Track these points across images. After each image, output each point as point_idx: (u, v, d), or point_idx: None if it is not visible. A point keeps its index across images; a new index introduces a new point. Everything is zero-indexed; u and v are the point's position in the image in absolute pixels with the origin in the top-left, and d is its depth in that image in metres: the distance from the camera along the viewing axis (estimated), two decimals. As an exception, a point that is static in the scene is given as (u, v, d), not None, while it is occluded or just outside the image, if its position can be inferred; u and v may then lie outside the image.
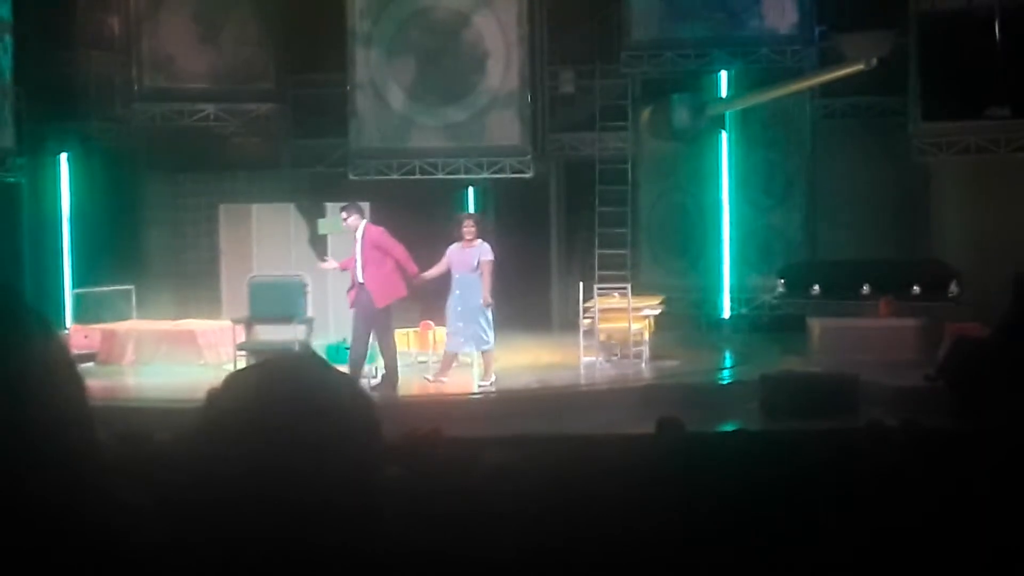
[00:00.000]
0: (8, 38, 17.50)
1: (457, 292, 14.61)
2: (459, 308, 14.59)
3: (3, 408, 1.69)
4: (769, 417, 13.24)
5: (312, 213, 18.99)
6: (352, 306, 14.44)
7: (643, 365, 16.16)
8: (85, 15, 19.66)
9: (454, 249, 14.72)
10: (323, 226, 16.14)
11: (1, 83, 17.38)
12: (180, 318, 18.04)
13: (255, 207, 18.45)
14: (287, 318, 15.13)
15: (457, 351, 14.84)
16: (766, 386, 13.90)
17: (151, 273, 19.54)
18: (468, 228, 14.73)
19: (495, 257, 14.64)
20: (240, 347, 15.38)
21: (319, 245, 18.40)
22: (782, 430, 11.43)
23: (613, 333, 16.37)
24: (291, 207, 19.06)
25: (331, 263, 15.29)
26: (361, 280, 14.22)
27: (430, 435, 6.47)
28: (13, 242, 18.56)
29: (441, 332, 15.77)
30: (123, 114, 19.79)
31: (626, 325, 16.18)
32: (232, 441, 1.83)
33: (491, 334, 14.71)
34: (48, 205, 19.31)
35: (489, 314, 14.61)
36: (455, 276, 14.62)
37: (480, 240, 14.70)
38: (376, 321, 14.25)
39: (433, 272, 14.74)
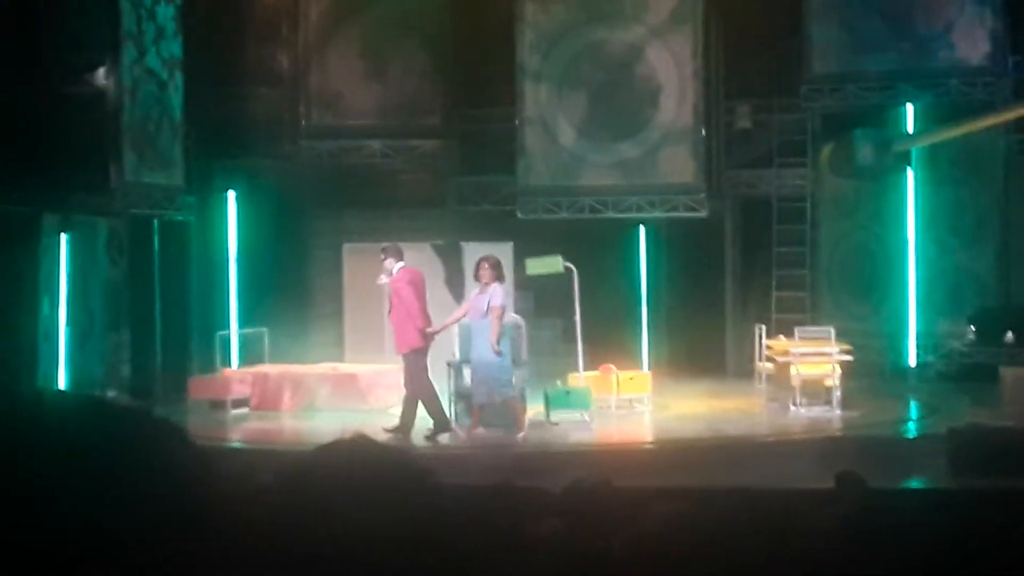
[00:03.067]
0: (179, 75, 17.58)
1: (473, 340, 14.16)
2: (473, 356, 14.14)
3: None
4: (957, 475, 12.50)
5: (446, 254, 18.62)
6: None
7: (834, 413, 15.64)
8: (254, 52, 19.84)
9: (472, 294, 14.30)
10: (531, 266, 15.52)
11: (171, 121, 17.49)
12: (339, 360, 17.70)
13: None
14: None
15: (481, 403, 14.17)
16: (954, 441, 13.17)
17: (312, 314, 19.37)
18: (481, 271, 14.14)
19: (503, 302, 14.01)
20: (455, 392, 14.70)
21: (456, 286, 17.95)
22: (970, 489, 10.64)
23: (808, 379, 15.78)
24: (427, 247, 18.56)
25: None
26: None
27: (598, 486, 6.08)
28: (183, 281, 18.59)
29: (625, 376, 15.80)
30: (290, 151, 19.78)
31: (822, 370, 15.75)
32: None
33: (512, 381, 14.08)
34: (215, 244, 19.26)
35: (506, 361, 13.97)
36: (471, 322, 14.15)
37: (496, 283, 14.01)
38: (405, 364, 14.02)
39: (451, 320, 14.49)
